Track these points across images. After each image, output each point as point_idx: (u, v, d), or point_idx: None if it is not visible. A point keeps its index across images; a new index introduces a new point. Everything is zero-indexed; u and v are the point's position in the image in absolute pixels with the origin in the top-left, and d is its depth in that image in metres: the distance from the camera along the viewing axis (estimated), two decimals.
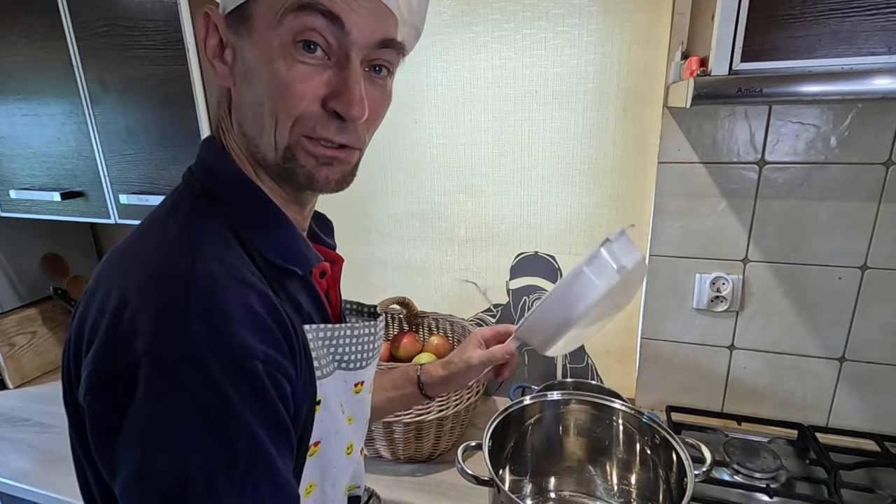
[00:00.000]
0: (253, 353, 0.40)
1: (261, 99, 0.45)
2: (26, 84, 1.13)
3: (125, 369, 0.38)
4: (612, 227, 1.15)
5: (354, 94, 0.45)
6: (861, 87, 0.63)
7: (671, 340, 1.13)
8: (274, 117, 0.45)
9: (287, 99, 0.44)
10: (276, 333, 0.44)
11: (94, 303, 0.42)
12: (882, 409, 1.05)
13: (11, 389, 1.42)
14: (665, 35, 1.00)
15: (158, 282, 0.40)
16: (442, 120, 1.19)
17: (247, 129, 0.48)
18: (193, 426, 0.38)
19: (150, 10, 0.97)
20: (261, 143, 0.48)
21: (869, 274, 0.99)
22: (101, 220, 1.18)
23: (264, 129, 0.46)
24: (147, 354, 0.38)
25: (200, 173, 0.51)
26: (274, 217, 0.51)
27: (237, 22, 0.45)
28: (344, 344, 0.56)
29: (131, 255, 0.45)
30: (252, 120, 0.47)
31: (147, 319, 0.39)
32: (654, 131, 1.05)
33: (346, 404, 0.58)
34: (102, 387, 0.39)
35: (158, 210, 0.50)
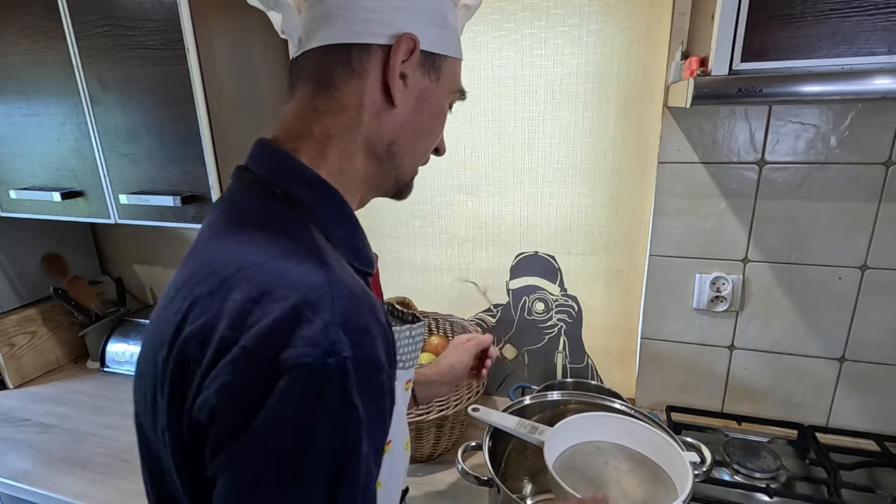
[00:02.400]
0: (383, 366, 0.41)
1: (425, 133, 0.57)
2: (26, 84, 1.13)
3: (267, 382, 0.37)
4: (613, 227, 1.15)
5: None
6: (861, 87, 0.63)
7: (671, 340, 1.13)
8: (425, 149, 0.59)
9: (436, 142, 0.61)
10: (391, 342, 0.45)
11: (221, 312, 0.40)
12: (882, 409, 1.05)
13: (11, 389, 1.42)
14: (665, 35, 1.00)
15: (300, 295, 0.40)
16: None
17: (399, 149, 0.55)
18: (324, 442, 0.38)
19: (150, 10, 0.97)
20: (407, 163, 0.57)
21: (869, 274, 0.99)
22: (101, 220, 1.18)
23: (416, 155, 0.58)
24: (293, 368, 0.37)
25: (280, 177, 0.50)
26: (351, 221, 0.54)
27: (428, 64, 0.53)
28: (405, 345, 0.60)
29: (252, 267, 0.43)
30: (409, 144, 0.56)
31: (292, 332, 0.38)
32: (654, 131, 1.05)
33: (399, 400, 0.60)
34: (240, 397, 0.38)
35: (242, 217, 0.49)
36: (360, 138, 0.52)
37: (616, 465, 0.78)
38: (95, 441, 1.16)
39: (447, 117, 0.59)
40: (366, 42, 0.50)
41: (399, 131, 0.54)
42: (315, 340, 0.38)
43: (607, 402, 0.91)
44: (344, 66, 0.50)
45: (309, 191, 0.50)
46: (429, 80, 0.54)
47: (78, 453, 1.12)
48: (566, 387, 1.15)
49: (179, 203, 1.07)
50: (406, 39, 0.50)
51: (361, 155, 0.53)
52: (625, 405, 0.90)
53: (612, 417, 0.80)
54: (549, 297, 1.24)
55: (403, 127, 0.54)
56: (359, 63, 0.50)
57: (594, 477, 0.77)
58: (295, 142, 0.52)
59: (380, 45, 0.50)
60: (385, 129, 0.53)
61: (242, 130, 1.12)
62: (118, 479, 1.04)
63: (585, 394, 0.95)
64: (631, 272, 1.16)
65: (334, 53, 0.50)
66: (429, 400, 0.89)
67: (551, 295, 1.23)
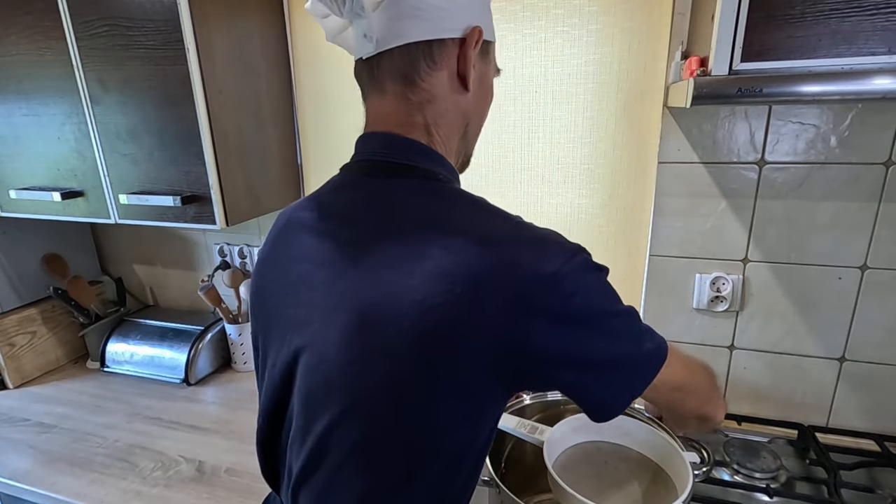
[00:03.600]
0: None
1: (484, 110, 0.64)
2: (26, 84, 1.13)
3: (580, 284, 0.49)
4: (613, 227, 1.15)
5: None
6: (861, 87, 0.63)
7: (671, 340, 1.12)
8: (482, 125, 0.65)
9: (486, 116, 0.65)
10: None
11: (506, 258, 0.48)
12: (882, 409, 1.05)
13: (11, 389, 1.42)
14: (665, 35, 1.00)
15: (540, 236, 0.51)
16: None
17: (471, 129, 0.62)
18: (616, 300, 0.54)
19: (150, 10, 0.97)
20: (474, 140, 0.64)
21: (869, 274, 0.99)
22: (101, 220, 1.18)
23: (479, 130, 0.64)
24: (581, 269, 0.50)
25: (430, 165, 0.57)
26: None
27: (484, 50, 0.59)
28: None
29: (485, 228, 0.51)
30: (477, 122, 0.63)
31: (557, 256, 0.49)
32: (654, 131, 1.05)
33: None
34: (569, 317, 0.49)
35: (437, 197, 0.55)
36: (451, 123, 0.59)
37: (616, 465, 0.78)
38: (95, 441, 1.16)
39: None
40: (443, 37, 0.55)
41: (472, 112, 0.61)
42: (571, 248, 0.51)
43: None
44: (427, 60, 0.55)
45: (450, 173, 0.59)
46: (485, 65, 0.60)
47: (78, 453, 1.12)
48: None
49: (179, 203, 1.07)
50: (477, 32, 0.56)
51: (455, 137, 0.60)
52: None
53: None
54: None
55: (474, 108, 0.61)
56: (439, 56, 0.56)
57: (594, 477, 0.77)
58: (408, 132, 0.57)
59: (453, 38, 0.55)
60: (465, 112, 0.60)
61: (242, 130, 1.12)
62: (118, 479, 1.04)
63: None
64: (631, 272, 1.16)
65: (416, 50, 0.55)
66: None
67: None
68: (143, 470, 1.07)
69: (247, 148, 1.13)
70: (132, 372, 1.45)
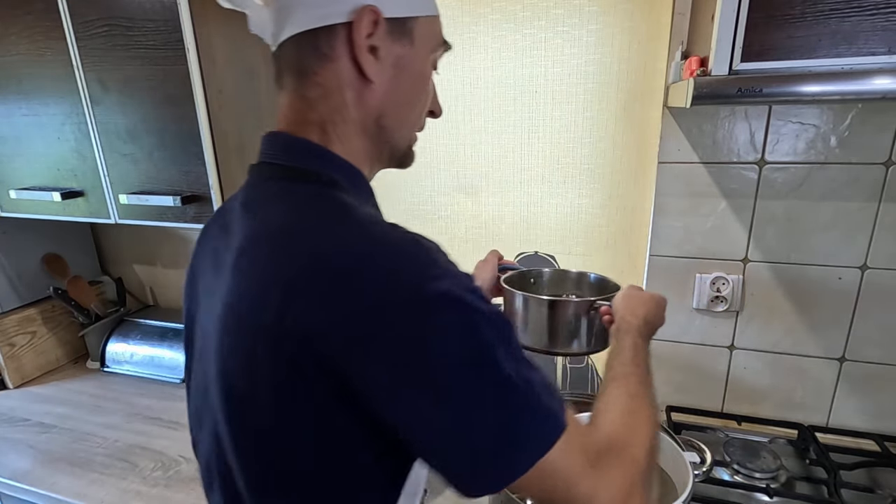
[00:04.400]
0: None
1: (412, 100, 0.56)
2: (26, 84, 1.13)
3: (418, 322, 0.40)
4: (612, 227, 1.15)
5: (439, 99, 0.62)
6: (861, 87, 0.63)
7: (671, 340, 1.13)
8: (416, 116, 0.58)
9: (425, 103, 0.58)
10: None
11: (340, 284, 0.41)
12: (882, 409, 1.05)
13: (11, 389, 1.42)
14: (665, 35, 1.00)
15: (398, 248, 0.44)
16: (442, 120, 1.19)
17: (388, 122, 0.55)
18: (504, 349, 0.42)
19: (150, 10, 0.97)
20: (398, 134, 0.57)
21: (869, 274, 0.99)
22: (101, 220, 1.18)
23: (406, 123, 0.57)
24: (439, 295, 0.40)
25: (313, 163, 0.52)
26: (373, 200, 0.57)
27: (397, 30, 0.52)
28: None
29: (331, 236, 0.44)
30: (396, 115, 0.55)
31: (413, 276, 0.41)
32: (654, 131, 1.05)
33: None
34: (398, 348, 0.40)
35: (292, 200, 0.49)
36: (350, 119, 0.53)
37: None
38: (95, 441, 1.16)
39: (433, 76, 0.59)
40: (329, 24, 0.49)
41: (384, 105, 0.54)
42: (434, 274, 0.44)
43: None
44: (315, 52, 0.51)
45: (343, 176, 0.52)
46: (402, 47, 0.52)
47: (78, 453, 1.12)
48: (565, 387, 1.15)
49: (179, 203, 1.07)
50: (366, 12, 0.48)
51: (357, 134, 0.54)
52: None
53: None
54: None
55: (387, 99, 0.53)
56: (328, 46, 0.50)
57: None
58: (301, 132, 0.53)
59: (342, 23, 0.49)
60: (370, 106, 0.53)
61: (242, 130, 1.11)
62: (118, 479, 1.04)
63: (586, 394, 0.95)
64: (631, 272, 1.16)
65: (304, 41, 0.50)
66: None
67: None
68: (143, 470, 1.07)
69: (247, 148, 1.13)
70: (132, 372, 1.45)
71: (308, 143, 0.52)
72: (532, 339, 0.83)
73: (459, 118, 1.18)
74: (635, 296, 0.77)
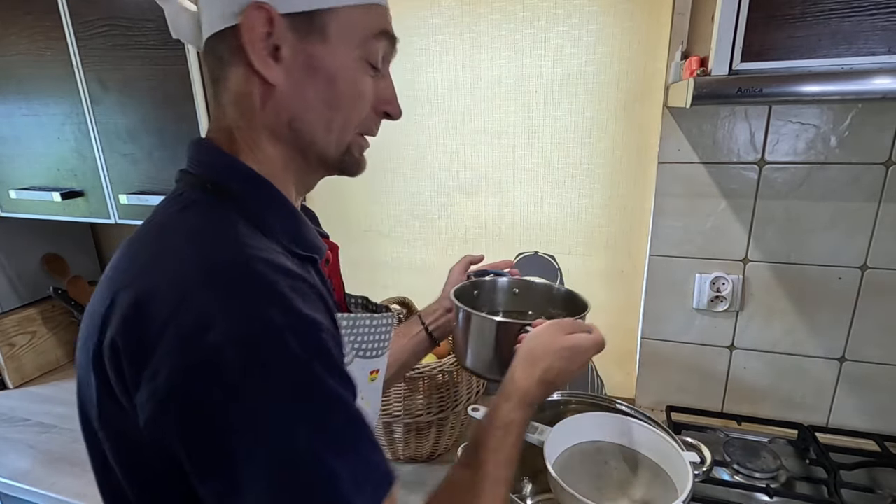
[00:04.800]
0: (320, 325, 0.41)
1: (331, 102, 0.50)
2: (26, 84, 1.13)
3: (205, 363, 0.37)
4: (612, 227, 1.15)
5: (396, 99, 0.56)
6: (861, 87, 0.63)
7: (671, 340, 1.13)
8: (343, 119, 0.52)
9: (358, 106, 0.52)
10: (325, 311, 0.45)
11: (144, 304, 0.40)
12: (882, 409, 1.05)
13: (11, 389, 1.42)
14: (665, 35, 1.00)
15: (217, 274, 0.40)
16: (442, 120, 1.19)
17: (302, 126, 0.51)
18: (290, 406, 0.38)
19: (150, 10, 0.97)
20: (320, 140, 0.52)
21: (869, 274, 0.99)
22: (101, 220, 1.18)
23: (331, 128, 0.51)
24: (229, 343, 0.37)
25: (210, 171, 0.50)
26: (286, 207, 0.52)
27: (306, 27, 0.47)
28: (363, 333, 0.58)
29: (167, 253, 0.44)
30: (314, 119, 0.51)
31: (217, 310, 0.38)
32: (654, 131, 1.05)
33: (363, 390, 0.59)
34: (186, 386, 0.37)
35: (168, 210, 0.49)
36: (258, 125, 0.50)
37: (616, 465, 0.78)
38: None
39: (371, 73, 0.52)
40: (226, 26, 0.47)
41: (294, 108, 0.50)
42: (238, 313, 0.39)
43: (607, 402, 0.91)
44: (217, 57, 0.49)
45: (240, 183, 0.50)
46: (312, 45, 0.48)
47: (78, 453, 1.12)
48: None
49: None
50: (253, 11, 0.45)
51: (268, 141, 0.51)
52: (625, 405, 0.90)
53: (612, 417, 0.80)
54: None
55: (298, 103, 0.49)
56: (226, 51, 0.48)
57: (594, 477, 0.77)
58: (216, 140, 0.52)
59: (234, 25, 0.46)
60: (279, 110, 0.49)
61: None
62: None
63: (585, 394, 0.95)
64: (631, 272, 1.16)
65: (210, 46, 0.49)
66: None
67: None
68: None
69: None
70: None
71: (216, 152, 0.51)
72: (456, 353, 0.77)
73: (459, 118, 1.18)
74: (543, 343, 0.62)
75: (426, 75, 1.16)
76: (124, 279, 0.43)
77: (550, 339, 0.61)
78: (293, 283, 0.42)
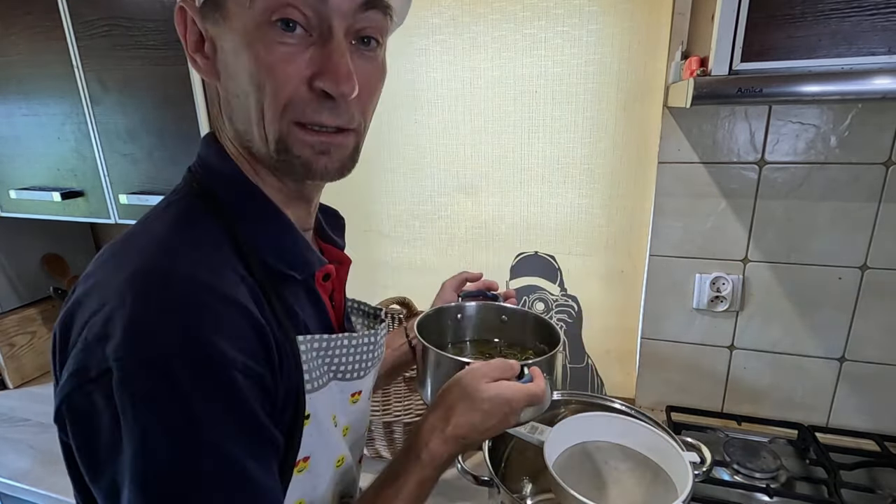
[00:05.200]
0: (230, 362, 0.38)
1: (245, 88, 0.43)
2: (26, 84, 1.13)
3: (97, 376, 0.37)
4: (612, 227, 1.15)
5: (341, 69, 0.42)
6: (861, 87, 0.63)
7: (671, 340, 1.13)
8: (260, 107, 0.43)
9: (272, 84, 0.42)
10: (255, 343, 0.42)
11: (80, 301, 0.41)
12: (882, 409, 1.05)
13: (11, 389, 1.42)
14: (665, 35, 1.00)
15: (135, 283, 0.39)
16: (442, 120, 1.19)
17: (237, 124, 0.46)
18: (156, 442, 0.36)
19: (150, 10, 0.97)
20: (252, 137, 0.45)
21: (869, 274, 0.99)
22: (101, 220, 1.18)
23: (252, 120, 0.44)
24: (116, 361, 0.36)
25: (200, 172, 0.50)
26: (274, 218, 0.49)
27: (212, 10, 0.43)
28: (341, 354, 0.54)
29: (118, 254, 0.44)
30: (240, 112, 0.45)
31: (119, 323, 0.37)
32: (654, 131, 1.05)
33: (342, 415, 0.56)
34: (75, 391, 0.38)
35: (154, 209, 0.49)
36: (222, 122, 0.49)
37: (616, 465, 0.78)
38: None
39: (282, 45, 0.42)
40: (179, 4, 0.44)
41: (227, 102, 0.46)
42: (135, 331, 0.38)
43: (607, 402, 0.91)
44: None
45: (225, 188, 0.48)
46: (217, 26, 0.43)
47: None
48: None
49: None
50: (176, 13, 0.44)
51: (226, 121, 0.48)
52: (625, 405, 0.90)
53: (612, 417, 0.80)
54: (549, 297, 1.24)
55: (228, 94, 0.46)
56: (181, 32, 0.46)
57: (594, 477, 0.77)
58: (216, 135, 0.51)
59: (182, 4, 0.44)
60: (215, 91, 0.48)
61: None
62: None
63: (585, 394, 0.95)
64: (631, 272, 1.16)
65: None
66: None
67: (551, 295, 1.23)
68: None
69: None
70: None
71: (217, 154, 0.49)
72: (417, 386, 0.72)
73: (459, 118, 1.18)
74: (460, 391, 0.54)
75: (426, 75, 1.16)
76: (85, 274, 0.44)
77: (469, 386, 0.53)
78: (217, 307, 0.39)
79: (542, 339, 0.76)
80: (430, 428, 0.53)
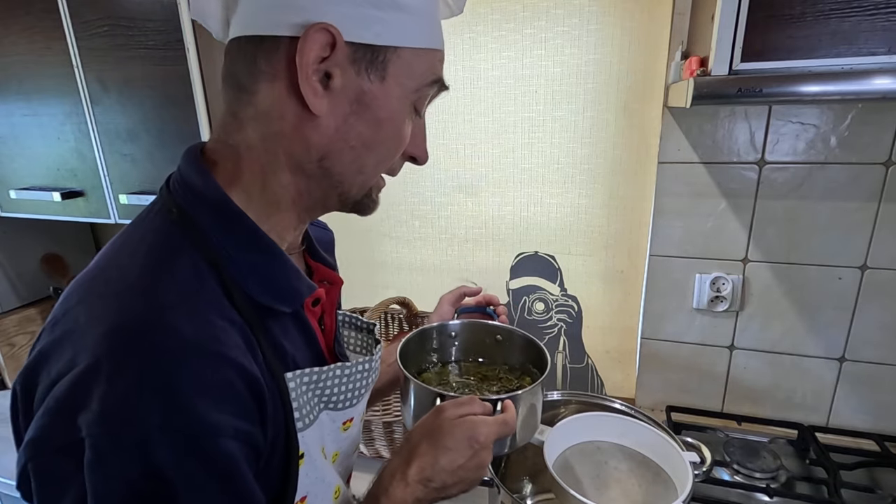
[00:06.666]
0: (219, 430, 0.36)
1: (370, 144, 0.46)
2: (26, 84, 1.13)
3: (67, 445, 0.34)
4: (612, 227, 1.15)
5: (426, 143, 0.52)
6: (861, 87, 0.63)
7: (671, 340, 1.13)
8: (376, 162, 0.47)
9: (391, 151, 0.48)
10: (247, 400, 0.40)
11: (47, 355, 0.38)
12: (882, 409, 1.05)
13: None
14: (665, 35, 1.00)
15: (112, 345, 0.36)
16: (442, 120, 1.19)
17: (333, 165, 0.45)
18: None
19: (150, 10, 0.97)
20: (348, 181, 0.47)
21: (869, 274, 0.99)
22: (101, 220, 1.18)
23: (364, 170, 0.47)
24: (90, 437, 0.34)
25: (180, 194, 0.45)
26: (260, 246, 0.46)
27: (364, 59, 0.42)
28: (332, 385, 0.51)
29: (89, 299, 0.40)
30: (350, 160, 0.46)
31: (96, 392, 0.34)
32: (654, 131, 1.05)
33: (332, 443, 0.54)
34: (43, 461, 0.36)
35: (126, 233, 0.45)
36: (282, 153, 0.44)
37: (616, 465, 0.78)
38: None
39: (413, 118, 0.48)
40: (274, 34, 0.40)
41: (331, 145, 0.44)
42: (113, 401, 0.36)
43: (607, 402, 0.91)
44: (250, 65, 0.42)
45: (209, 215, 0.44)
46: (368, 80, 0.43)
47: None
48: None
49: None
50: (318, 31, 0.39)
51: (286, 172, 0.45)
52: (625, 405, 0.90)
53: (612, 417, 0.81)
54: (549, 297, 1.24)
55: (337, 139, 0.44)
56: (266, 62, 0.41)
57: (594, 477, 0.77)
58: (216, 153, 0.46)
59: (289, 37, 0.40)
60: (311, 143, 0.44)
61: None
62: None
63: (585, 394, 0.95)
64: (631, 272, 1.16)
65: (246, 48, 0.42)
66: None
67: (551, 295, 1.23)
68: None
69: None
70: None
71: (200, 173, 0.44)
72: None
73: (459, 118, 1.18)
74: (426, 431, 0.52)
75: None
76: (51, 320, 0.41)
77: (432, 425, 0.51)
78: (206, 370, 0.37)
79: (532, 360, 0.73)
80: (390, 473, 0.50)
